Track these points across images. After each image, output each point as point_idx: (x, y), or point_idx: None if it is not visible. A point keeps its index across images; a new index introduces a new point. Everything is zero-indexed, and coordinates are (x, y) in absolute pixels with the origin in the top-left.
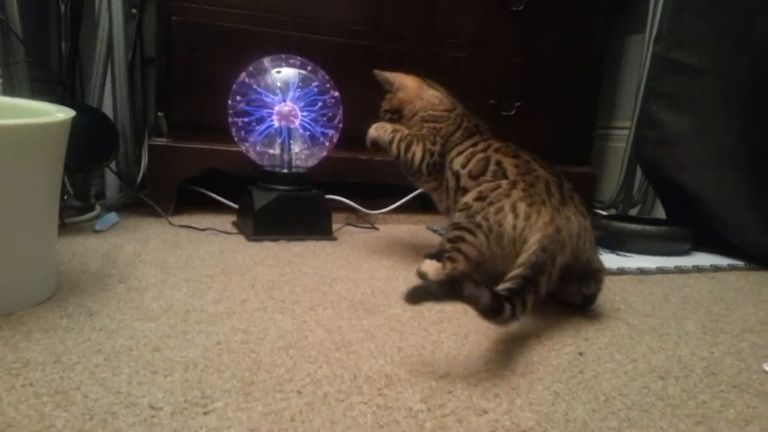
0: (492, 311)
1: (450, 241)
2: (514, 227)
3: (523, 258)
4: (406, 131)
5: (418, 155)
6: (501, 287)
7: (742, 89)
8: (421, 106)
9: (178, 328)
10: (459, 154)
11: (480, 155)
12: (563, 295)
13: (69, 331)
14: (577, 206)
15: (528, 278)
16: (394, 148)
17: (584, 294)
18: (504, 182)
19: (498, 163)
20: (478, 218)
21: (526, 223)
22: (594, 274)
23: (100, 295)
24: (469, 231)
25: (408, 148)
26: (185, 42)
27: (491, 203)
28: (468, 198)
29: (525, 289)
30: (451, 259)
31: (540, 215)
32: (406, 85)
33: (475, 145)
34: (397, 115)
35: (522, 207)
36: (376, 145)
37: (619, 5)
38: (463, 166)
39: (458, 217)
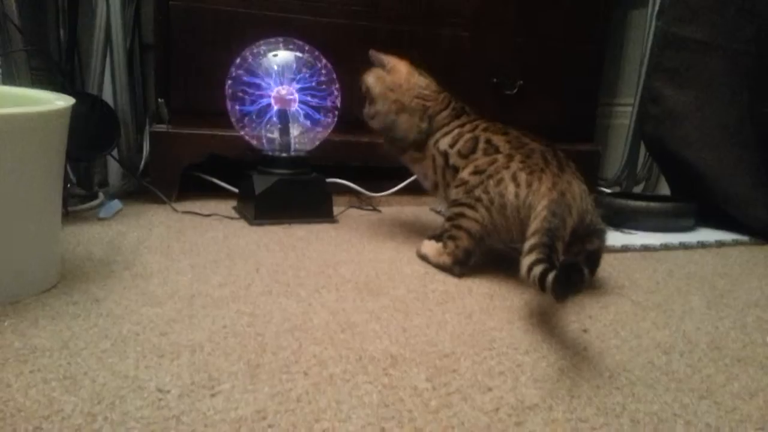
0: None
1: (449, 219)
2: (517, 195)
3: (535, 225)
4: (399, 96)
5: (405, 124)
6: (527, 260)
7: (746, 63)
8: (408, 87)
9: (184, 313)
10: (445, 134)
11: (468, 135)
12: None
13: (75, 317)
14: (574, 172)
15: (548, 245)
16: (381, 104)
17: (588, 250)
18: (500, 156)
19: (488, 141)
20: (478, 192)
21: (529, 189)
22: (596, 233)
23: (105, 282)
24: (469, 206)
25: (398, 112)
26: (183, 27)
27: (490, 176)
28: (464, 174)
29: (552, 258)
30: (453, 238)
31: (542, 182)
32: (398, 69)
33: (462, 126)
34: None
35: (522, 176)
36: (369, 92)
37: None
38: (451, 146)
39: (456, 193)
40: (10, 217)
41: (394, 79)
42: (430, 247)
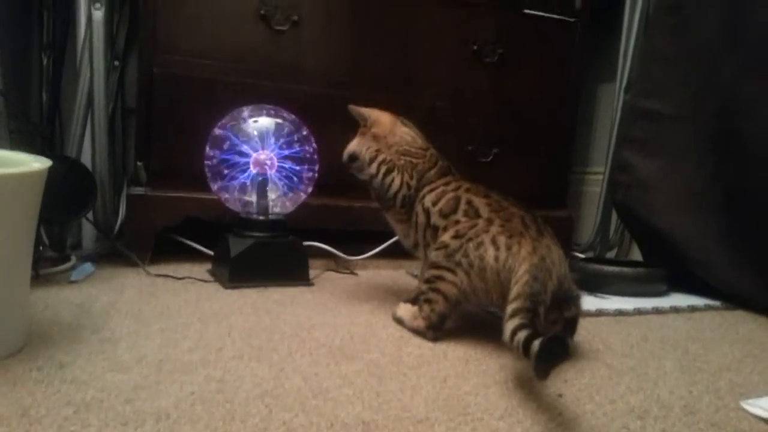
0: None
1: (427, 281)
2: (497, 258)
3: (517, 289)
4: (389, 156)
5: (396, 183)
6: (510, 325)
7: (712, 133)
8: (394, 141)
9: (151, 379)
10: (431, 191)
11: (450, 194)
12: (544, 323)
13: (38, 383)
14: (552, 237)
15: (530, 310)
16: (374, 167)
17: (566, 317)
18: (480, 220)
19: (469, 203)
20: (458, 257)
21: (509, 253)
22: (573, 300)
23: (71, 347)
24: (449, 269)
25: (389, 172)
26: (166, 93)
27: (470, 239)
28: (446, 237)
29: (535, 323)
30: (429, 301)
31: (521, 246)
32: (381, 121)
33: (447, 184)
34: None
35: (502, 239)
36: (353, 160)
37: (590, 55)
38: (434, 204)
39: (435, 255)
40: None
41: (376, 131)
42: (405, 310)
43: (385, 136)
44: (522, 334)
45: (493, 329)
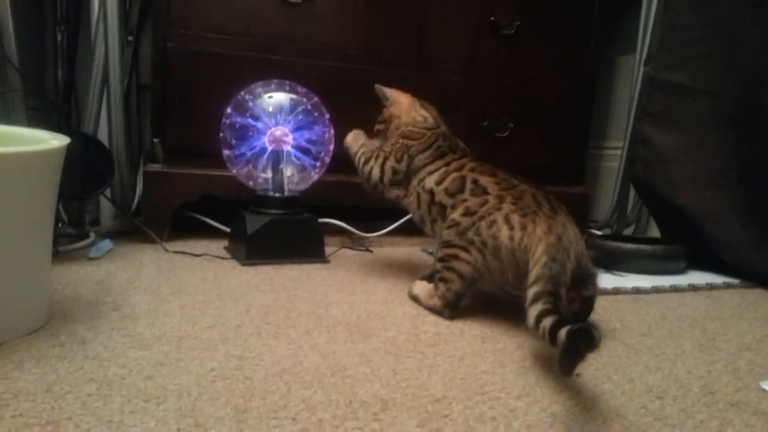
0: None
1: (441, 260)
2: (511, 238)
3: (537, 271)
4: (373, 146)
5: (376, 172)
6: (534, 310)
7: (733, 108)
8: (405, 122)
9: (171, 356)
10: (430, 173)
11: (454, 174)
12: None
13: (61, 359)
14: (566, 214)
15: (552, 293)
16: (355, 159)
17: (583, 296)
18: (490, 197)
19: (474, 182)
20: (470, 234)
21: (524, 233)
22: (590, 278)
23: (93, 323)
24: (462, 248)
25: (366, 162)
26: (181, 68)
27: (482, 217)
28: (455, 215)
29: (558, 306)
30: (444, 280)
31: (536, 225)
32: (400, 102)
33: (448, 164)
34: (384, 126)
35: (516, 218)
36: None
37: (609, 26)
38: (438, 184)
39: (447, 234)
40: None
41: (393, 111)
42: (421, 288)
43: (399, 116)
44: (548, 321)
45: (509, 307)
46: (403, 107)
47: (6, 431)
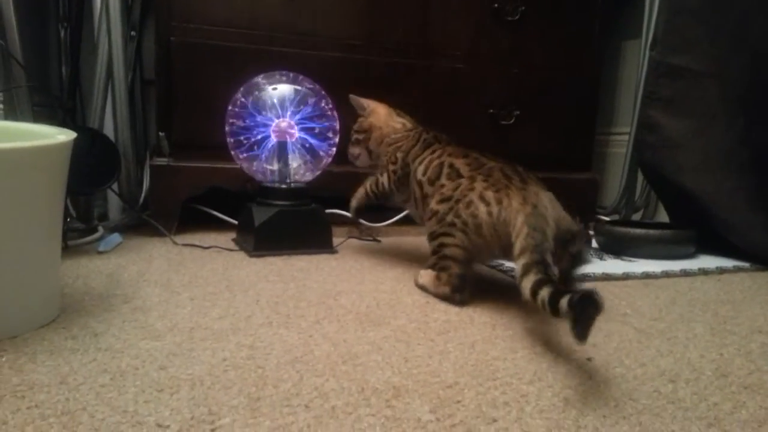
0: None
1: (434, 252)
2: (490, 213)
3: (521, 243)
4: (371, 181)
5: (385, 181)
6: (527, 282)
7: (741, 90)
8: (387, 132)
9: (184, 346)
10: (420, 163)
11: (436, 161)
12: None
13: (74, 352)
14: (537, 182)
15: (540, 262)
16: (372, 195)
17: (571, 253)
18: (463, 180)
19: (450, 165)
20: (449, 218)
21: (500, 207)
22: (575, 235)
23: (104, 316)
24: (446, 234)
25: (377, 182)
26: (184, 62)
27: (458, 201)
28: (432, 204)
29: (549, 274)
30: (443, 269)
31: (511, 198)
32: (378, 112)
33: (433, 152)
34: (364, 135)
35: (490, 194)
36: (360, 212)
37: (614, 11)
38: (424, 173)
39: (430, 226)
40: (9, 251)
41: (373, 121)
42: (427, 277)
43: (380, 126)
44: (545, 293)
45: (518, 294)
46: (382, 117)
47: (23, 422)
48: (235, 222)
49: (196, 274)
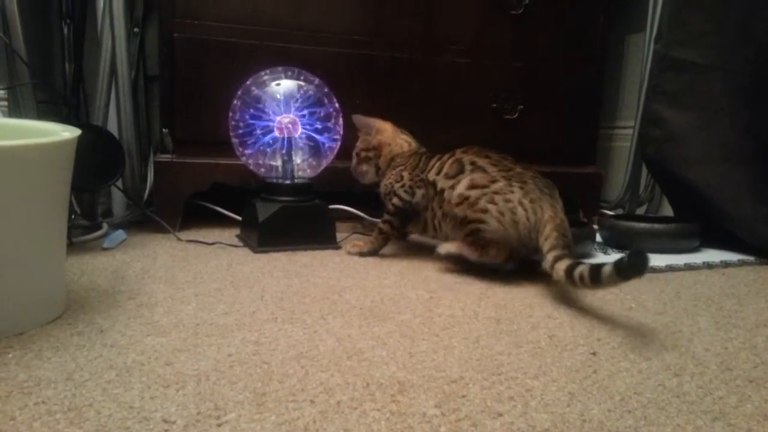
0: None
1: (468, 234)
2: (528, 219)
3: (550, 243)
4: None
5: (402, 195)
6: (562, 264)
7: (746, 83)
8: (395, 149)
9: (189, 342)
10: (430, 169)
11: (450, 160)
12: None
13: (80, 348)
14: (558, 197)
15: (570, 254)
16: (395, 207)
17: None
18: (498, 178)
19: (472, 163)
20: (482, 203)
21: (535, 217)
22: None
23: (110, 312)
24: (479, 221)
25: (395, 194)
26: (188, 58)
27: (495, 192)
28: (461, 189)
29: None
30: (486, 247)
31: (544, 210)
32: (385, 129)
33: (440, 158)
34: (374, 153)
35: (527, 203)
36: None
37: (618, 4)
38: (438, 173)
39: (461, 210)
40: (15, 247)
41: (381, 138)
42: (461, 245)
43: (389, 143)
44: (583, 268)
45: (522, 290)
46: (389, 134)
47: (30, 418)
48: (239, 218)
49: (200, 270)
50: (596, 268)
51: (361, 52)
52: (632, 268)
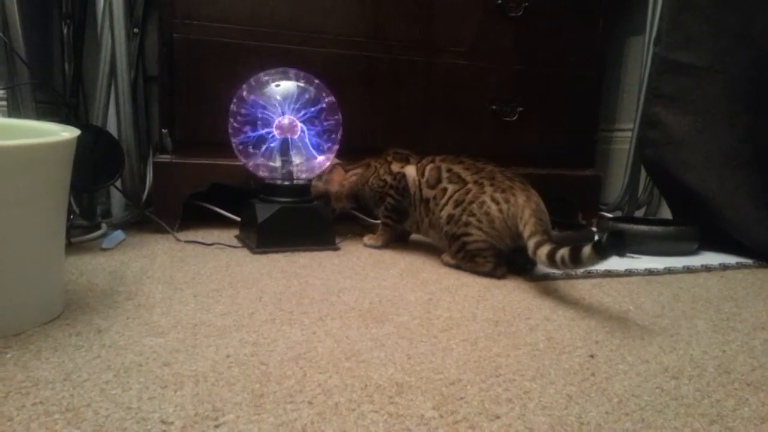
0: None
1: (458, 250)
2: (500, 210)
3: (530, 228)
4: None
5: (393, 195)
6: (544, 249)
7: (745, 87)
8: (351, 179)
9: (187, 343)
10: (408, 165)
11: (430, 166)
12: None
13: (78, 348)
14: (524, 182)
15: (550, 239)
16: (392, 214)
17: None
18: (470, 185)
19: (449, 170)
20: (464, 218)
21: (508, 204)
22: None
23: (108, 313)
24: (465, 234)
25: (380, 195)
26: (187, 58)
27: (471, 202)
28: (448, 210)
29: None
30: (475, 258)
31: (516, 196)
32: (332, 179)
33: (418, 161)
34: (335, 195)
35: (498, 195)
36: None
37: (617, 7)
38: (422, 175)
39: (450, 228)
40: (14, 248)
41: (333, 185)
42: (451, 259)
43: (342, 183)
44: (564, 251)
45: (520, 292)
46: (336, 180)
47: (28, 418)
48: (238, 219)
49: (199, 270)
50: (576, 249)
51: (360, 54)
52: (611, 247)
